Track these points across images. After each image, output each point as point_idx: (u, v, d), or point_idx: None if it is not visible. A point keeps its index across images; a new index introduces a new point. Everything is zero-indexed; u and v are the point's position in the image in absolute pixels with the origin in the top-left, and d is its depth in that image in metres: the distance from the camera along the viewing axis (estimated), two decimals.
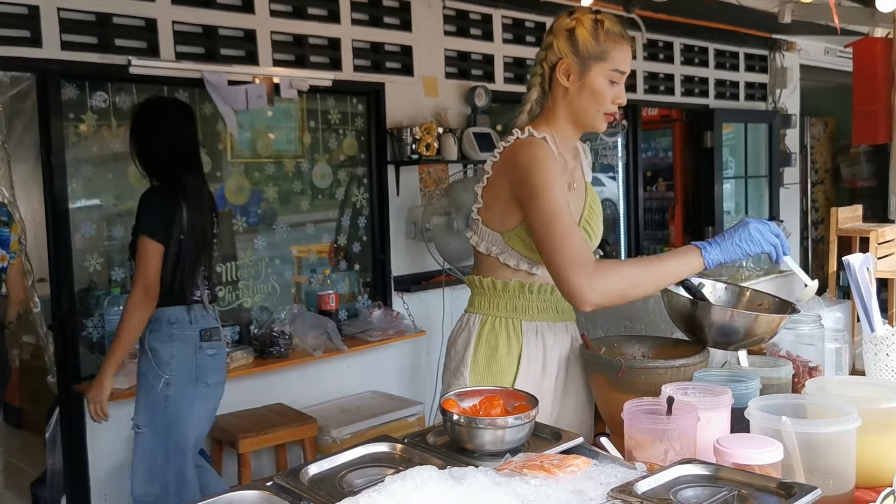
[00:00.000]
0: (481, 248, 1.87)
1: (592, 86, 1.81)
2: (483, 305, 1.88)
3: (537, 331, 1.86)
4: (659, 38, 5.69)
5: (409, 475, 1.09)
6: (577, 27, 1.82)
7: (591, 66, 1.80)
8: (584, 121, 1.86)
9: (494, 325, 1.85)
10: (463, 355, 1.86)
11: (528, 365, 1.83)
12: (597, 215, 1.98)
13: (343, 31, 4.05)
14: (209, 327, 2.82)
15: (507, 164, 1.81)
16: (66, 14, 3.21)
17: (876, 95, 3.71)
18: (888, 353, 1.69)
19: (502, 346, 1.84)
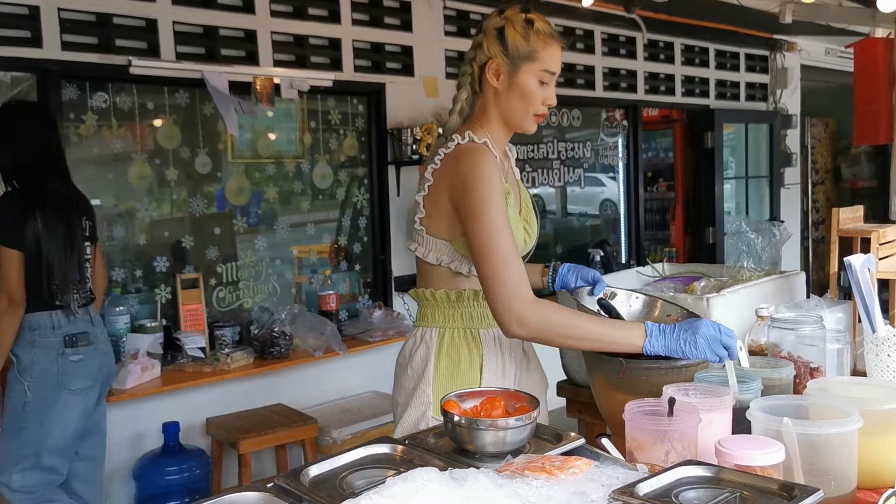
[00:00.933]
0: (430, 258, 1.81)
1: (522, 86, 1.78)
2: (438, 318, 1.83)
3: (494, 337, 1.83)
4: (659, 38, 5.69)
5: (410, 477, 1.09)
6: (507, 27, 1.79)
7: (520, 66, 1.78)
8: (513, 122, 1.84)
9: (454, 337, 1.81)
10: (423, 372, 1.80)
11: (489, 373, 1.80)
12: (532, 212, 1.95)
13: (343, 32, 4.05)
14: (76, 332, 2.80)
15: (448, 172, 1.76)
16: (67, 14, 3.21)
17: (877, 96, 3.71)
18: (889, 353, 1.69)
19: (464, 357, 1.80)
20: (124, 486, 3.39)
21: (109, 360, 3.01)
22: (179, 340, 3.48)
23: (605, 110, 5.67)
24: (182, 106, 3.66)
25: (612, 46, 5.40)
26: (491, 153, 1.77)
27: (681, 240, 6.42)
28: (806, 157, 7.98)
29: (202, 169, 3.73)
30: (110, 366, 3.03)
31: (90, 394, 2.89)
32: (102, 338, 2.97)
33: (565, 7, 4.85)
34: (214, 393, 3.54)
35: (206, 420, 3.50)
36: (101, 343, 2.94)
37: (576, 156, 5.55)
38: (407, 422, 1.80)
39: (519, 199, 1.90)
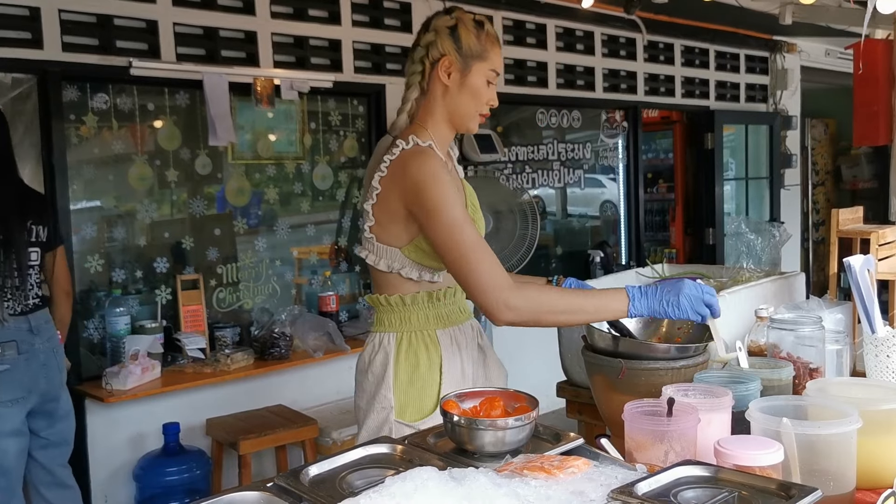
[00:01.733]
0: (381, 266, 1.83)
1: (473, 85, 1.81)
2: (394, 323, 1.84)
3: (451, 337, 1.85)
4: (659, 39, 5.70)
5: (410, 476, 1.09)
6: (460, 26, 1.81)
7: (472, 64, 1.80)
8: (460, 121, 1.85)
9: (411, 340, 1.82)
10: (382, 376, 1.81)
11: (449, 373, 1.81)
12: (477, 209, 1.97)
13: (343, 33, 4.05)
14: (3, 341, 2.70)
15: (397, 178, 1.76)
16: (67, 16, 3.22)
17: (877, 97, 3.71)
18: (889, 354, 1.69)
19: (423, 359, 1.80)
20: (125, 487, 3.39)
21: (51, 371, 2.85)
22: (180, 341, 3.48)
23: (605, 111, 5.67)
24: (182, 107, 3.66)
25: (612, 48, 5.40)
26: (436, 155, 1.78)
27: (681, 241, 6.42)
28: (806, 159, 7.98)
29: (202, 170, 3.74)
30: (51, 377, 2.85)
31: (22, 406, 2.77)
32: (44, 347, 2.82)
33: (565, 8, 4.86)
34: (215, 394, 3.54)
35: (207, 421, 3.50)
36: (41, 353, 2.80)
37: (576, 157, 5.55)
38: (370, 426, 1.81)
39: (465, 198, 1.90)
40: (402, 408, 1.79)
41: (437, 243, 1.71)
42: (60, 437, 2.96)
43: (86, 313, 3.43)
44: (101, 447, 3.34)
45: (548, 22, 4.97)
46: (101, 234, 3.48)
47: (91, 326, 3.44)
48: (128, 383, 3.17)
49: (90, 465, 3.32)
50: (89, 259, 3.42)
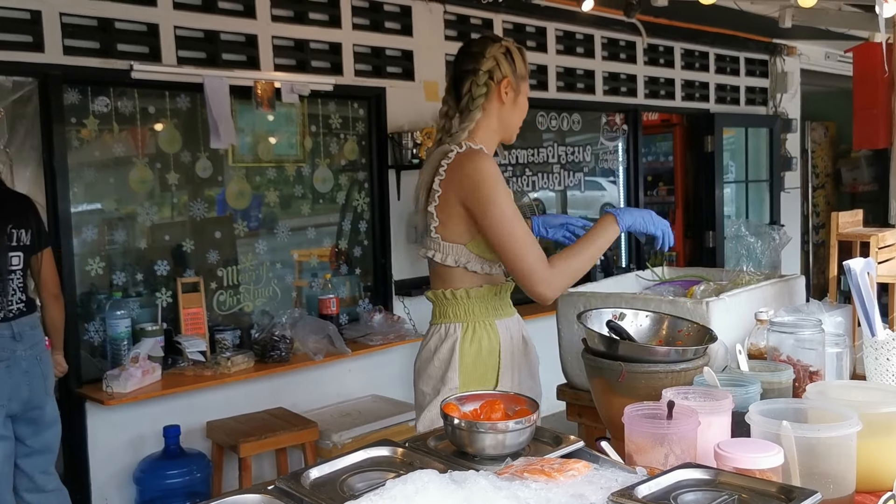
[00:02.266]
0: (448, 262, 2.04)
1: (522, 102, 2.12)
2: (459, 314, 2.05)
3: (506, 327, 2.10)
4: (659, 42, 5.71)
5: (410, 479, 1.09)
6: (513, 51, 2.10)
7: (521, 85, 2.11)
8: (508, 133, 2.14)
9: (476, 328, 2.04)
10: (449, 362, 2.03)
11: (506, 357, 2.06)
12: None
13: (344, 36, 4.06)
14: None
15: (454, 179, 1.99)
16: (68, 19, 3.23)
17: (876, 100, 3.71)
18: (889, 357, 1.69)
19: (485, 346, 2.04)
20: (125, 490, 3.39)
21: (34, 379, 2.83)
22: (180, 344, 3.48)
23: (605, 114, 5.68)
24: (183, 110, 3.67)
25: (612, 51, 5.41)
26: (491, 158, 2.02)
27: (681, 244, 6.43)
28: (806, 161, 7.98)
29: (203, 173, 3.74)
30: (34, 385, 2.83)
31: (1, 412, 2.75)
32: (26, 354, 2.80)
33: (565, 11, 4.87)
34: (215, 396, 3.55)
35: (207, 423, 3.50)
36: (23, 360, 2.78)
37: (576, 160, 5.56)
38: (435, 408, 1.99)
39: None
40: (465, 388, 1.99)
41: (491, 234, 1.96)
42: (44, 444, 2.94)
43: (86, 316, 3.43)
44: (101, 450, 3.34)
45: (548, 25, 4.98)
46: (101, 236, 3.49)
47: (91, 329, 3.44)
48: (128, 386, 3.18)
49: (90, 467, 3.32)
50: (90, 262, 3.43)
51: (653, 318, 1.95)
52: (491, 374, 2.04)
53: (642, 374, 1.63)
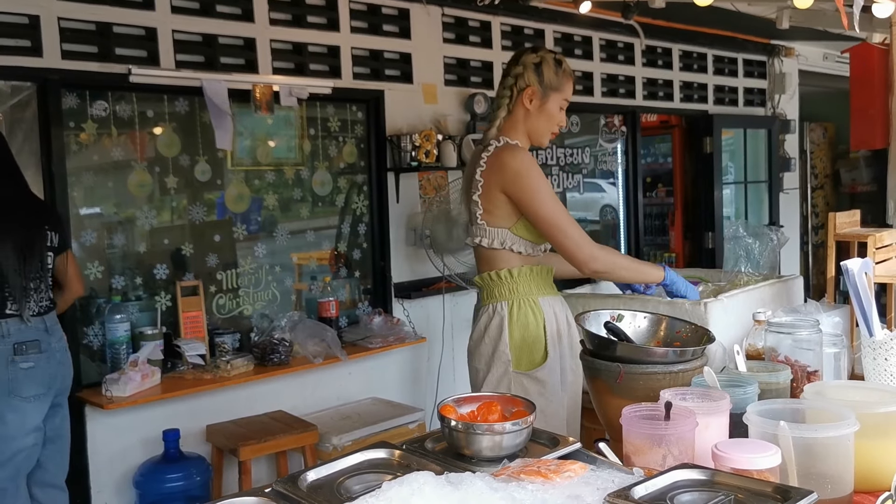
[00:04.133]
0: (495, 244, 2.27)
1: (549, 110, 2.34)
2: (504, 294, 2.25)
3: (549, 304, 2.27)
4: (657, 44, 5.71)
5: (407, 481, 1.10)
6: (543, 63, 2.32)
7: (550, 95, 2.32)
8: (536, 137, 2.37)
9: (521, 305, 2.23)
10: (499, 337, 2.22)
11: (551, 332, 2.24)
12: None
13: (342, 39, 4.06)
14: (26, 340, 2.81)
15: (495, 170, 2.25)
16: (67, 23, 3.23)
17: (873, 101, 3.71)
18: (887, 357, 1.69)
19: (531, 321, 2.22)
20: (125, 494, 3.39)
21: (65, 369, 2.98)
22: (179, 348, 3.48)
23: (603, 116, 5.68)
24: (182, 114, 3.67)
25: (610, 52, 5.41)
26: (525, 148, 2.31)
27: (680, 245, 6.43)
28: (805, 162, 7.98)
29: (202, 176, 3.74)
30: (66, 374, 2.99)
31: (43, 402, 2.88)
32: (58, 346, 2.94)
33: (563, 14, 4.87)
34: (214, 400, 3.55)
35: (207, 427, 3.50)
36: (56, 351, 2.93)
37: (575, 162, 5.56)
38: (491, 380, 2.24)
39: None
40: (517, 361, 2.22)
41: (538, 218, 2.21)
42: (63, 431, 3.05)
43: (86, 320, 3.43)
44: (101, 454, 3.34)
45: (546, 27, 4.98)
46: (100, 240, 3.49)
47: (91, 333, 3.44)
48: (128, 390, 3.17)
49: (90, 471, 3.32)
50: (89, 266, 3.43)
51: (651, 319, 1.96)
52: (539, 347, 2.22)
53: (640, 376, 1.64)
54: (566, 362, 2.26)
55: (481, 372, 2.27)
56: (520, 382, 2.20)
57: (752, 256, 2.77)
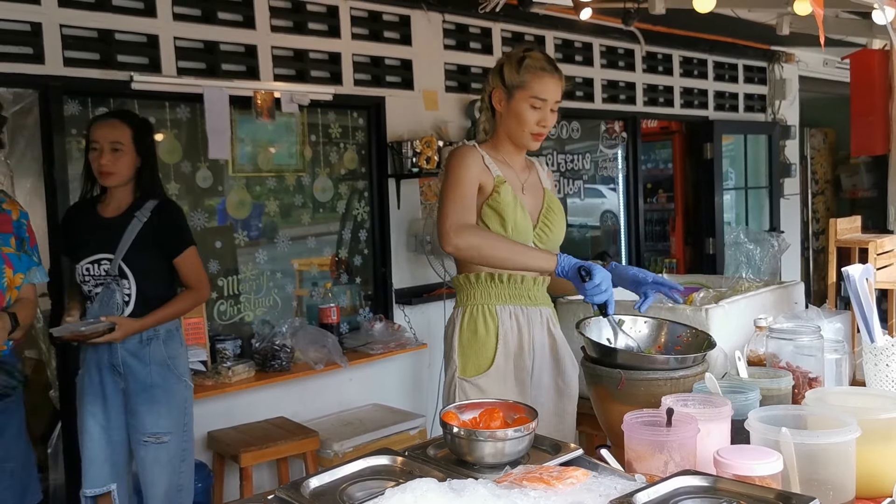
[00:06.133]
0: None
1: (516, 111, 2.18)
2: (463, 300, 2.21)
3: (511, 313, 2.17)
4: (658, 50, 5.72)
5: (409, 488, 1.10)
6: (506, 62, 2.21)
7: (514, 93, 2.17)
8: (515, 139, 2.23)
9: (473, 312, 2.17)
10: (451, 343, 2.19)
11: (504, 342, 2.14)
12: (556, 214, 2.32)
13: (343, 46, 4.07)
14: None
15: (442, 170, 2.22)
16: (69, 30, 3.24)
17: (873, 107, 3.72)
18: (888, 363, 1.69)
19: (480, 327, 2.15)
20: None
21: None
22: None
23: (604, 122, 5.69)
24: (183, 120, 3.68)
25: (610, 59, 5.43)
26: (470, 147, 2.19)
27: (681, 251, 6.43)
28: (805, 168, 7.99)
29: (203, 183, 3.75)
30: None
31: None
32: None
33: (564, 20, 4.88)
34: (216, 406, 3.54)
35: (208, 433, 3.50)
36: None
37: (575, 167, 5.57)
38: (445, 383, 2.22)
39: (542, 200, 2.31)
40: (464, 367, 2.16)
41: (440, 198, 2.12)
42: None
43: None
44: None
45: (546, 34, 4.99)
46: None
47: None
48: None
49: None
50: None
51: (652, 324, 1.96)
52: (486, 354, 2.13)
53: (641, 382, 1.64)
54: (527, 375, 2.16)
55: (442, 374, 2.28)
56: (462, 388, 2.14)
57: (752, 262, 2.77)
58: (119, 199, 2.77)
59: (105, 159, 2.68)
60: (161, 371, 2.75)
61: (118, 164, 2.69)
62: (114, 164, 2.68)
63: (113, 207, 2.76)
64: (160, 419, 2.74)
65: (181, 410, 2.78)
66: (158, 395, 2.74)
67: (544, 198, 2.33)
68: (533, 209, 2.26)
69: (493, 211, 2.14)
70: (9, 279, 2.48)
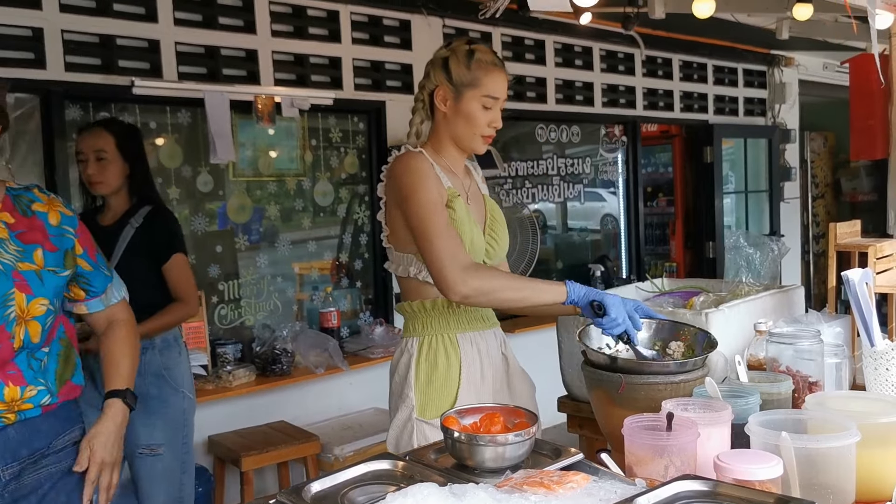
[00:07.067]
0: (401, 272, 1.97)
1: (466, 111, 1.94)
2: (417, 328, 1.96)
3: (471, 341, 1.97)
4: (658, 54, 5.74)
5: (410, 492, 1.10)
6: (451, 57, 1.95)
7: (464, 92, 1.93)
8: (462, 143, 1.99)
9: (431, 343, 1.94)
10: (406, 377, 1.94)
11: (468, 374, 1.94)
12: (499, 223, 2.10)
13: (344, 50, 4.09)
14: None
15: (389, 184, 1.93)
16: (70, 36, 3.25)
17: (873, 111, 3.73)
18: (888, 367, 1.69)
19: (441, 361, 1.92)
20: None
21: None
22: None
23: (604, 126, 5.70)
24: (184, 125, 3.69)
25: (610, 63, 5.44)
26: (420, 156, 1.92)
27: (681, 254, 6.43)
28: (806, 171, 8.00)
29: (204, 187, 3.76)
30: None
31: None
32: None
33: (563, 24, 4.89)
34: (216, 410, 3.55)
35: (208, 438, 3.50)
36: None
37: (575, 171, 5.58)
38: (396, 425, 1.95)
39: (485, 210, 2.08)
40: (422, 407, 1.91)
41: (411, 227, 1.86)
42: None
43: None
44: None
45: (546, 38, 5.00)
46: None
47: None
48: None
49: None
50: None
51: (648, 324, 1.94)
52: (449, 392, 1.91)
53: (642, 386, 1.64)
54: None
55: (392, 411, 1.98)
56: (421, 431, 1.88)
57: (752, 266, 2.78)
58: (115, 207, 2.75)
59: (91, 169, 2.67)
60: (157, 382, 2.70)
61: (105, 172, 2.67)
62: (100, 173, 2.67)
63: (110, 216, 2.75)
64: (155, 431, 2.70)
65: (179, 422, 2.73)
66: (154, 406, 2.70)
67: (486, 206, 2.10)
68: (478, 221, 2.02)
69: None
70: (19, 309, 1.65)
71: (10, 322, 1.63)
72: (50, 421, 1.70)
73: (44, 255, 1.72)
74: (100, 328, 1.92)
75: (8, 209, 1.72)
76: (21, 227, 1.71)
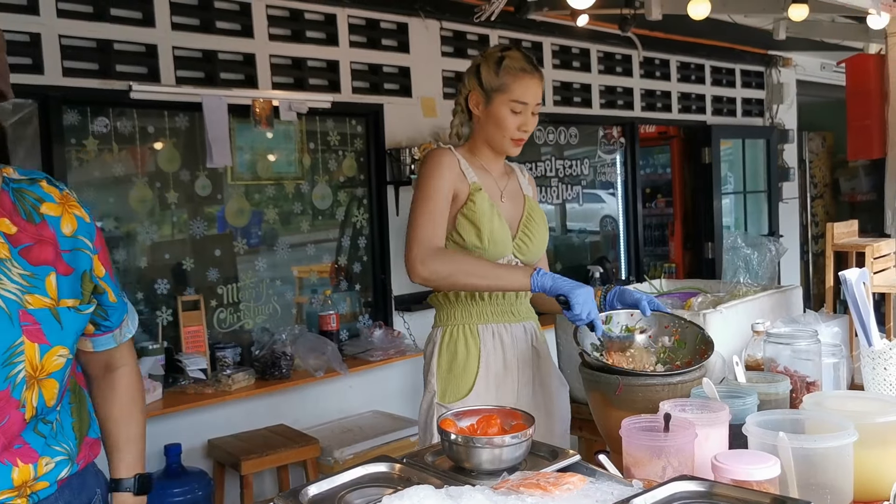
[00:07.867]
0: None
1: (496, 115, 2.04)
2: (443, 319, 2.10)
3: (494, 332, 2.07)
4: (655, 55, 5.74)
5: (407, 495, 1.10)
6: (483, 63, 2.07)
7: (493, 97, 2.04)
8: (494, 145, 2.10)
9: (453, 333, 2.06)
10: (430, 365, 2.09)
11: (487, 364, 2.04)
12: (536, 223, 2.18)
13: (341, 54, 4.09)
14: None
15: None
16: (68, 41, 3.25)
17: (869, 111, 3.74)
18: (886, 367, 1.70)
19: (461, 350, 2.04)
20: None
21: None
22: (181, 362, 3.48)
23: (602, 127, 5.70)
24: (182, 129, 3.69)
25: (608, 64, 5.44)
26: (444, 152, 2.06)
27: (680, 255, 6.44)
28: (804, 172, 8.00)
29: (202, 191, 3.76)
30: None
31: None
32: None
33: (561, 26, 4.90)
34: (216, 414, 3.55)
35: (208, 441, 3.50)
36: None
37: (574, 173, 5.58)
38: (422, 408, 2.10)
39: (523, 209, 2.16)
40: (443, 392, 2.04)
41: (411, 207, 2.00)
42: None
43: None
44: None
45: (544, 40, 5.01)
46: None
47: None
48: None
49: None
50: None
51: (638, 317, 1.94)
52: (467, 378, 2.02)
53: (639, 388, 1.64)
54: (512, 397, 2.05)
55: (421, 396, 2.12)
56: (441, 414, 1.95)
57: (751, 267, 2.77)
58: None
59: None
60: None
61: None
62: None
63: None
64: None
65: None
66: None
67: (525, 206, 2.19)
68: (512, 218, 2.13)
69: (467, 220, 2.02)
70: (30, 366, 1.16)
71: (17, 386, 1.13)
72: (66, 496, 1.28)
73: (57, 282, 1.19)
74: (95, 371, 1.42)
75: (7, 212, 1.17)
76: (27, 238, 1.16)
